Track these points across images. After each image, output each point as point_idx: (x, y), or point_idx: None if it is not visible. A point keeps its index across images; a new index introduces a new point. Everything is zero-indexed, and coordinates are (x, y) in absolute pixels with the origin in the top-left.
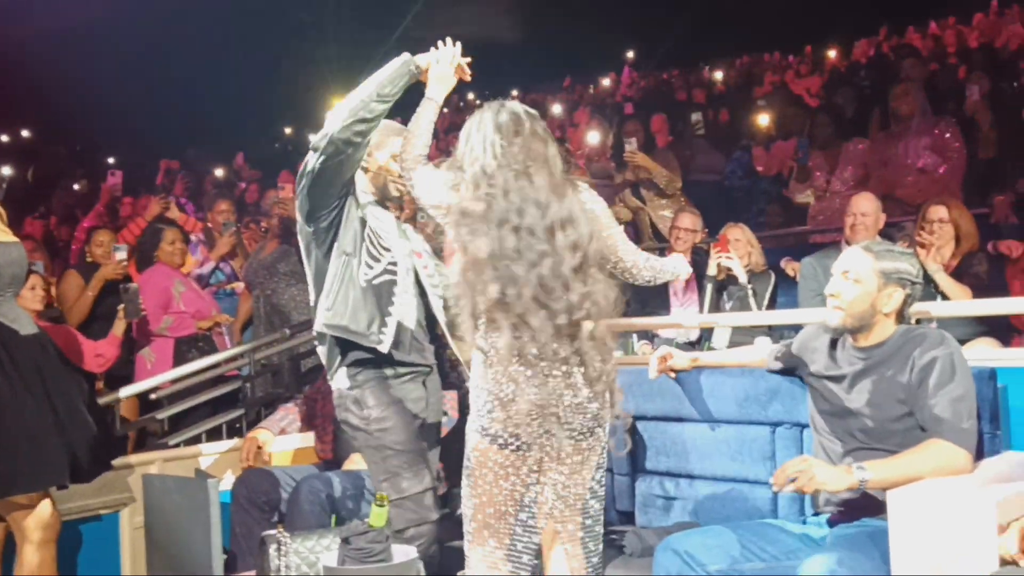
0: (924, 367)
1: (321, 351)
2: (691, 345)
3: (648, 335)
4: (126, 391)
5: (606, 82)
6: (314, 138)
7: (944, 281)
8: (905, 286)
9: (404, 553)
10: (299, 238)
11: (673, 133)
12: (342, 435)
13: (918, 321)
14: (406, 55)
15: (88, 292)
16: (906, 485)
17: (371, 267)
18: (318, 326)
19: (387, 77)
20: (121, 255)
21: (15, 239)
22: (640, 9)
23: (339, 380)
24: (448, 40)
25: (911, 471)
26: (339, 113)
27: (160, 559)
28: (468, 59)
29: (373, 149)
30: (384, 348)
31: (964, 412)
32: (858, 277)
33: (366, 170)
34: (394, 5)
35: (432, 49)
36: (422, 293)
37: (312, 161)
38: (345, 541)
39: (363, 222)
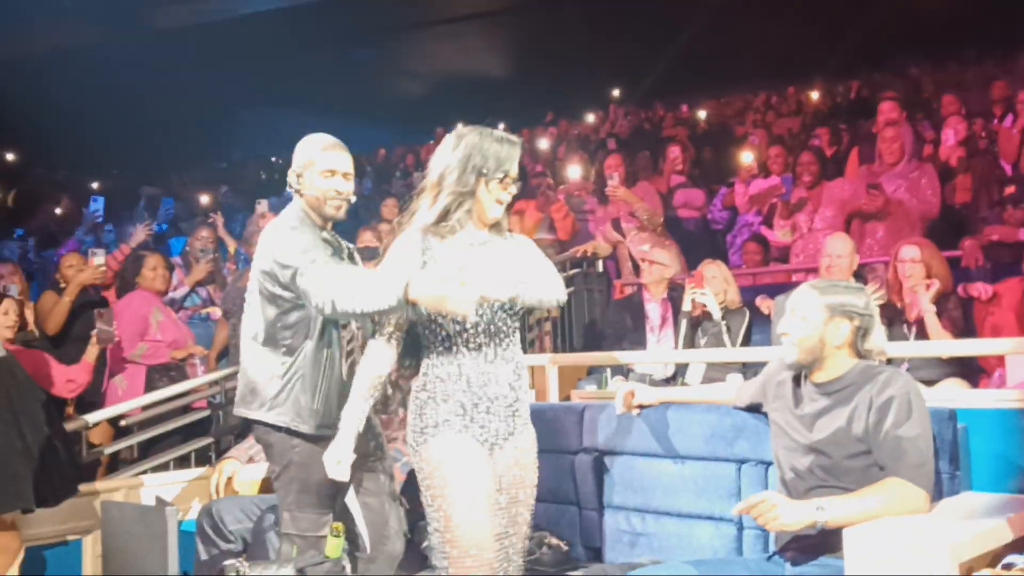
0: (881, 405)
1: (266, 438)
2: (667, 381)
3: (623, 370)
4: (94, 417)
5: (591, 118)
6: (312, 292)
7: (932, 322)
8: (852, 318)
9: None
10: (250, 285)
11: (656, 169)
12: None
13: (889, 361)
14: (401, 290)
15: (65, 297)
16: (863, 523)
17: (349, 354)
18: (310, 429)
19: (375, 308)
20: (99, 260)
21: None
22: (625, 48)
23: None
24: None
25: (869, 510)
26: (326, 299)
27: None
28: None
29: (302, 170)
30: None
31: (921, 451)
32: (805, 314)
33: (299, 192)
34: (378, 36)
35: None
36: None
37: (301, 295)
38: (300, 572)
39: None
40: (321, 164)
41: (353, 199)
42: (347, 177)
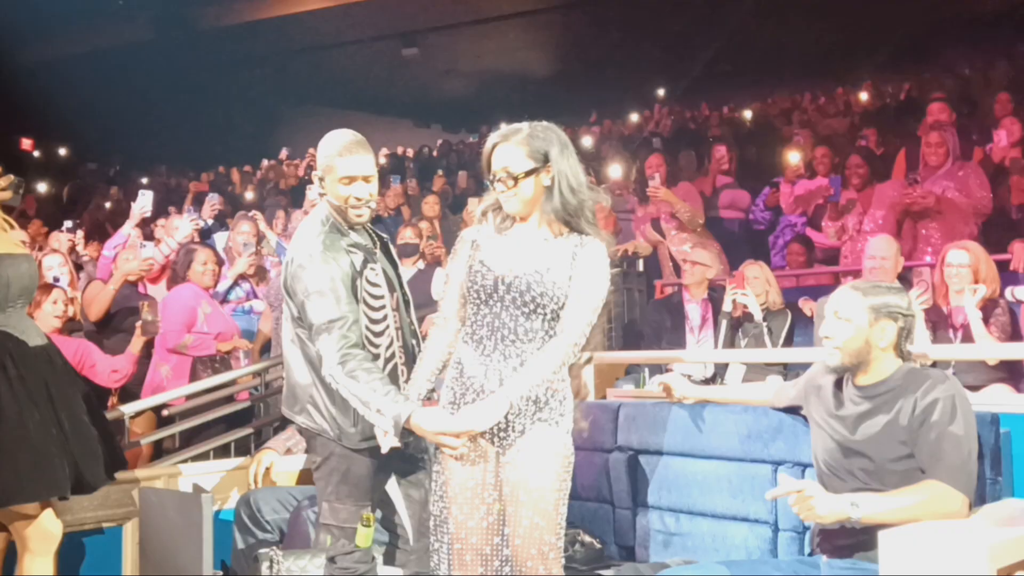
0: (925, 408)
1: (307, 427)
2: (706, 382)
3: (662, 370)
4: (132, 406)
5: (635, 117)
6: (324, 361)
7: (977, 327)
8: (896, 319)
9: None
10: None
11: (699, 169)
12: None
13: (935, 364)
14: (402, 421)
15: (110, 286)
16: (900, 525)
17: (389, 360)
18: (352, 444)
19: (369, 420)
20: (147, 253)
21: (25, 252)
22: (670, 47)
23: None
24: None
25: (904, 511)
26: (332, 379)
27: (153, 573)
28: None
29: (324, 174)
30: None
31: (962, 454)
32: (849, 316)
33: (322, 194)
34: (423, 34)
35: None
36: None
37: (316, 338)
38: (331, 560)
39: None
40: (340, 171)
41: (374, 205)
42: (367, 180)
